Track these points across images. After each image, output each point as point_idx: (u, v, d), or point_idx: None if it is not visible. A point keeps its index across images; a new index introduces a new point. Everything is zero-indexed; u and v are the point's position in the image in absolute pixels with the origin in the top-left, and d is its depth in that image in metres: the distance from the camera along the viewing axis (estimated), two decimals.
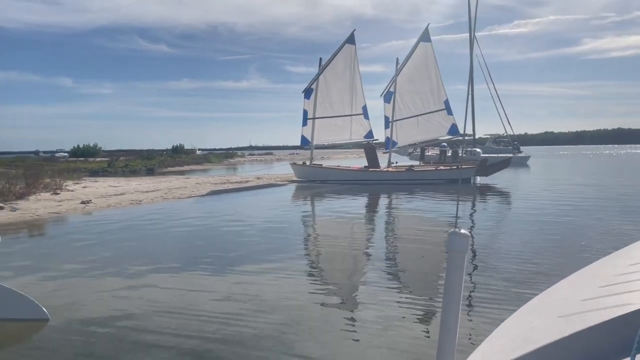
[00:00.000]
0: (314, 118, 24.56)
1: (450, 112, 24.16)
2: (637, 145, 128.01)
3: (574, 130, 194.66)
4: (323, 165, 24.89)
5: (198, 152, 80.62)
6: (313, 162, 25.03)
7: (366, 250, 8.72)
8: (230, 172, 36.93)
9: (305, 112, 24.62)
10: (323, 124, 24.69)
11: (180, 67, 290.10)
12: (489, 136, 65.96)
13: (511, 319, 1.76)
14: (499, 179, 24.44)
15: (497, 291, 5.68)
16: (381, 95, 24.62)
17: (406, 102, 24.48)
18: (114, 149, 74.24)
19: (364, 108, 24.72)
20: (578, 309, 1.46)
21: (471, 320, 4.78)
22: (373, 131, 24.80)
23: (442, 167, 23.70)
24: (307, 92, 24.57)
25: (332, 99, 24.65)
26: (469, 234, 1.54)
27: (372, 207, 16.41)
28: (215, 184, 21.59)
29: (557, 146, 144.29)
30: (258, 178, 24.61)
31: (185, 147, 70.92)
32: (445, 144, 46.36)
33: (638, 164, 42.46)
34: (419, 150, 46.16)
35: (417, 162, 44.05)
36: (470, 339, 4.19)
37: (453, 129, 24.17)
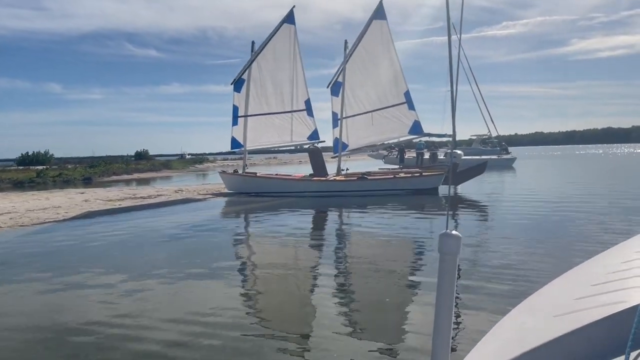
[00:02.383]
0: (245, 116, 19.91)
1: (412, 107, 19.62)
2: (628, 145, 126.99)
3: (564, 130, 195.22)
4: (258, 174, 20.17)
5: (187, 157, 75.80)
6: (246, 170, 20.36)
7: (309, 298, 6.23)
8: (182, 180, 32.20)
9: (235, 109, 19.96)
10: (257, 123, 20.04)
11: (169, 72, 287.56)
12: (475, 137, 62.05)
13: (504, 320, 1.77)
14: (478, 185, 20.47)
15: None
16: (328, 87, 20.04)
17: (358, 95, 19.91)
18: (87, 156, 68.29)
19: (307, 103, 20.12)
20: (571, 308, 1.48)
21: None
22: (319, 131, 20.19)
23: (402, 175, 19.14)
24: (237, 84, 19.91)
25: (267, 92, 20.02)
26: (460, 235, 1.45)
27: (312, 229, 12.38)
28: (110, 200, 16.86)
29: (547, 146, 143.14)
30: (177, 191, 19.89)
31: (176, 153, 65.31)
32: (423, 144, 42.24)
33: (630, 165, 38.42)
34: (396, 152, 41.99)
35: (395, 166, 39.88)
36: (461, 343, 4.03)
37: (416, 127, 19.64)
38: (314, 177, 19.41)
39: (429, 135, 20.55)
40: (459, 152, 39.72)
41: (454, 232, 1.45)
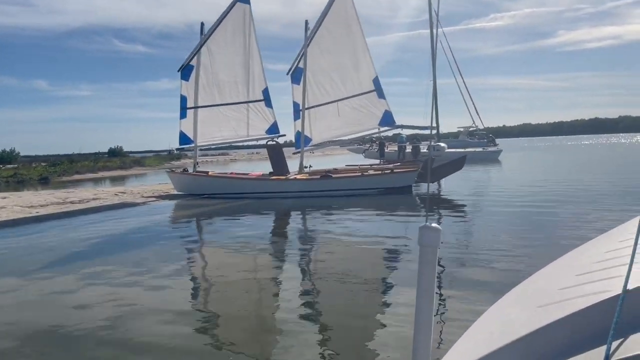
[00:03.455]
0: (195, 107, 17.60)
1: (382, 95, 17.45)
2: (615, 135, 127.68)
3: (552, 121, 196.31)
4: (210, 173, 17.86)
5: (176, 153, 72.78)
6: (197, 169, 18.08)
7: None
8: (149, 179, 29.94)
9: (183, 100, 17.62)
10: (209, 115, 17.73)
11: (159, 68, 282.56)
12: (462, 129, 60.30)
13: (489, 312, 1.79)
14: (460, 181, 18.81)
15: None
16: (288, 74, 17.78)
17: (321, 82, 17.67)
18: (69, 153, 64.44)
19: (266, 92, 17.85)
20: (556, 298, 1.48)
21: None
22: (280, 124, 17.96)
23: (371, 172, 16.99)
24: (185, 71, 17.56)
25: (220, 81, 17.70)
26: (440, 228, 1.46)
27: (271, 236, 10.72)
28: (31, 206, 14.49)
29: (535, 137, 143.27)
30: (117, 194, 17.53)
31: (164, 149, 61.74)
32: (404, 137, 40.19)
33: (620, 155, 36.68)
34: (376, 146, 39.83)
35: (376, 161, 37.78)
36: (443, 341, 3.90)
37: (387, 118, 17.48)
38: (273, 175, 17.21)
39: (402, 127, 18.43)
40: (442, 144, 37.77)
41: (433, 224, 1.46)
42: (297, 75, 17.57)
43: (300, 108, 17.54)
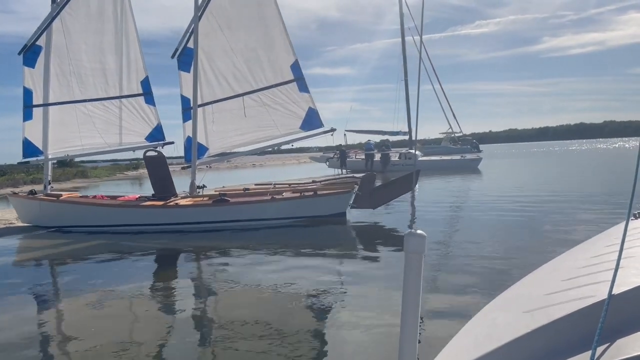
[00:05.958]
0: (45, 105, 12.59)
1: (304, 88, 12.62)
2: (604, 140, 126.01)
3: (537, 126, 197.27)
4: (64, 196, 12.71)
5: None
6: (51, 190, 13.03)
7: None
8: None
9: (27, 94, 12.58)
10: (66, 115, 12.74)
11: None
12: (444, 135, 56.14)
13: (476, 318, 1.78)
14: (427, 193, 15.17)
15: None
16: (173, 57, 12.80)
17: (221, 69, 12.77)
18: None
19: (145, 83, 12.89)
20: (542, 304, 1.49)
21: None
22: (163, 127, 12.99)
23: (287, 195, 12.03)
24: (29, 54, 12.52)
25: (81, 68, 12.72)
26: (425, 235, 1.44)
27: (149, 289, 7.39)
28: None
29: (521, 143, 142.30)
30: None
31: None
32: (373, 144, 35.45)
33: (606, 162, 32.26)
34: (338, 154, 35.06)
35: (339, 171, 32.97)
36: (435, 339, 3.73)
37: (312, 119, 12.62)
38: (155, 198, 12.25)
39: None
40: (417, 152, 33.14)
41: (419, 231, 1.45)
42: (185, 58, 12.64)
43: (192, 105, 12.60)
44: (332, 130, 12.81)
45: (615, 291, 1.22)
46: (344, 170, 32.58)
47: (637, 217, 2.37)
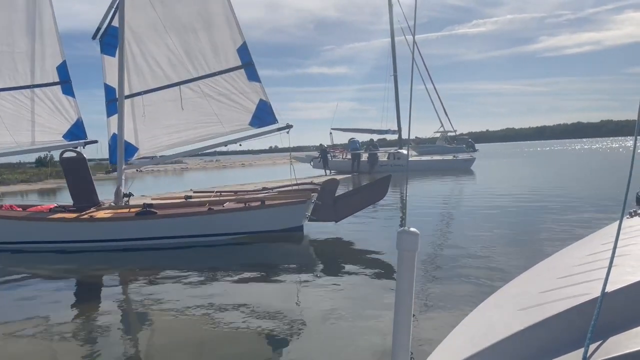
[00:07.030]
0: None
1: (254, 76, 10.42)
2: (598, 139, 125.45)
3: (535, 126, 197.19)
4: None
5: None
6: None
7: None
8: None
9: None
10: None
11: None
12: (439, 134, 54.07)
13: (471, 316, 1.77)
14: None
15: None
16: (94, 38, 10.59)
17: (151, 52, 10.56)
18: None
19: (62, 69, 10.67)
20: (536, 302, 1.48)
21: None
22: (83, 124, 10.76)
23: (230, 206, 9.83)
24: None
25: None
26: (418, 232, 1.45)
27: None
28: None
29: (518, 142, 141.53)
30: None
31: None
32: (358, 144, 33.30)
33: (604, 162, 30.21)
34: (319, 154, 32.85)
35: (322, 172, 30.82)
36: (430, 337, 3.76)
37: (263, 113, 10.44)
38: (73, 208, 10.06)
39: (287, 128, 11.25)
40: (403, 152, 31.05)
41: (412, 229, 1.42)
42: (110, 39, 10.44)
43: (117, 96, 10.39)
44: (289, 127, 10.59)
45: (609, 289, 1.23)
46: (327, 172, 30.46)
47: (632, 215, 2.36)
